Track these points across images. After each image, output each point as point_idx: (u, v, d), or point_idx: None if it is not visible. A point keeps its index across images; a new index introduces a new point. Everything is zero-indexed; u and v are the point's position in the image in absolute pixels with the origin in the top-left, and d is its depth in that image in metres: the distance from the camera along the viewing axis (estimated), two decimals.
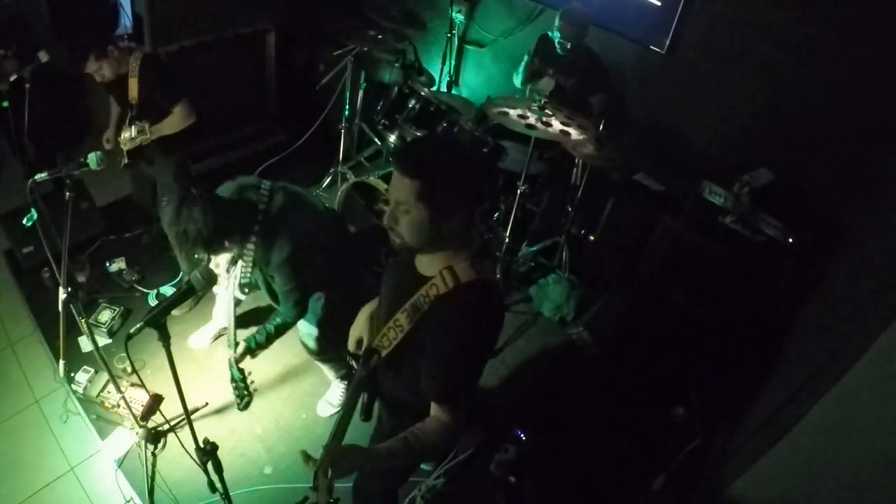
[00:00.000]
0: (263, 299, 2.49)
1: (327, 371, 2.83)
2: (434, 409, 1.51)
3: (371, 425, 1.84)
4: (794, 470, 1.93)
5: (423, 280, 1.48)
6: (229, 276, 2.33)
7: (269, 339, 2.33)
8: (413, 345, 1.50)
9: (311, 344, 2.58)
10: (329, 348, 2.64)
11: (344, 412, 1.48)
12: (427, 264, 1.50)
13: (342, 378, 2.86)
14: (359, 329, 1.84)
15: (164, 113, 2.84)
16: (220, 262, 2.28)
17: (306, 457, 1.38)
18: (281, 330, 2.34)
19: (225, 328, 3.10)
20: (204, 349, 3.09)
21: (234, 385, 2.31)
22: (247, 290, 2.36)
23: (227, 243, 2.10)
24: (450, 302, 1.42)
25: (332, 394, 2.93)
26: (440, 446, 1.53)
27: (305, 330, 2.56)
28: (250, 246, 2.18)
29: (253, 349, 2.29)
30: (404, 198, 1.34)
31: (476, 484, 2.57)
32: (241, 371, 2.28)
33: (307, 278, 2.27)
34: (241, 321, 2.84)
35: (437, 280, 1.44)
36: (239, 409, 2.32)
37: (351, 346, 1.84)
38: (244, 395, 2.30)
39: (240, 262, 2.23)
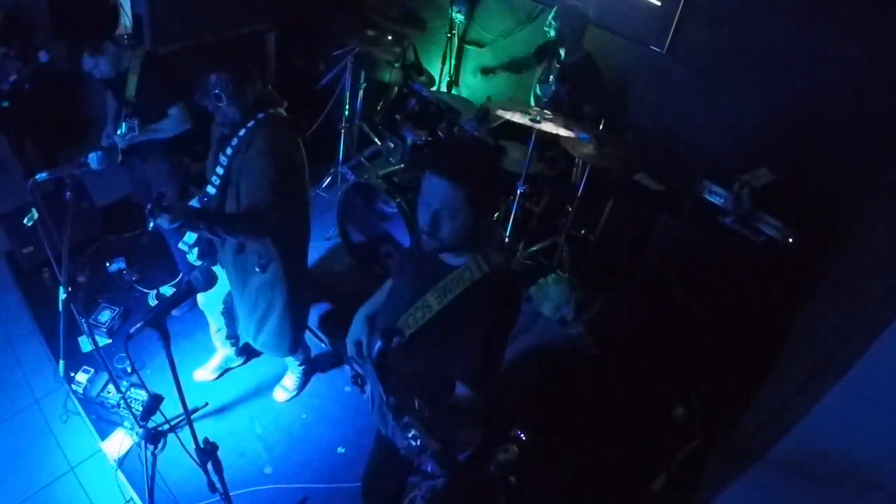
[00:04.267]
0: None
1: (289, 359, 2.85)
2: (462, 388, 1.55)
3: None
4: (794, 470, 1.93)
5: (450, 267, 1.53)
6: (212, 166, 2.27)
7: (234, 224, 2.13)
8: (439, 325, 1.54)
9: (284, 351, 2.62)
10: (297, 346, 2.67)
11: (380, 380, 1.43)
12: (455, 254, 1.54)
13: (300, 363, 2.89)
14: (357, 332, 1.84)
15: (159, 114, 2.84)
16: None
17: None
18: (246, 226, 2.13)
19: (232, 362, 3.05)
20: (203, 348, 3.09)
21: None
22: (217, 182, 2.22)
23: (243, 87, 2.09)
24: (485, 287, 1.49)
25: (287, 379, 2.95)
26: (471, 422, 1.61)
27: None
28: (241, 134, 2.13)
29: (213, 218, 2.10)
30: (450, 204, 1.39)
31: (476, 484, 2.57)
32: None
33: (285, 187, 2.15)
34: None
35: (471, 265, 1.50)
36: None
37: (350, 350, 1.85)
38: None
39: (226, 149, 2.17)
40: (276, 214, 2.14)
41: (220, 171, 2.20)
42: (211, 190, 2.25)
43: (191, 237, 2.28)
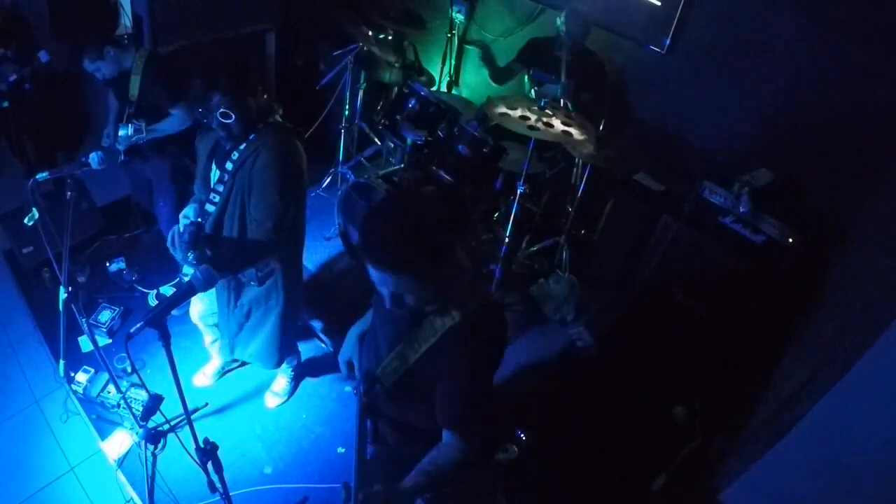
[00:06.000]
0: None
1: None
2: (449, 436, 1.52)
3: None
4: (794, 470, 1.93)
5: (424, 313, 1.47)
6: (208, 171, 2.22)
7: (236, 253, 2.10)
8: (418, 374, 1.50)
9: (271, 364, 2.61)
10: (284, 358, 2.67)
11: (358, 445, 1.52)
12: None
13: (291, 368, 2.87)
14: (348, 352, 1.84)
15: (162, 113, 2.84)
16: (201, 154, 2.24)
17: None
18: (254, 249, 2.10)
19: (229, 365, 3.03)
20: (203, 348, 3.09)
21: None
22: (216, 199, 2.16)
23: (246, 101, 2.02)
24: (459, 336, 1.43)
25: (276, 384, 2.93)
26: (461, 473, 1.53)
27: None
28: (246, 144, 2.08)
29: (222, 259, 2.02)
30: (402, 286, 1.34)
31: (476, 484, 2.57)
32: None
33: (294, 196, 2.12)
34: None
35: (440, 313, 1.44)
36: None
37: (342, 368, 1.84)
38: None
39: (227, 161, 2.11)
40: (285, 228, 2.11)
41: (220, 187, 2.14)
42: (210, 208, 2.19)
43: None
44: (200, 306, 2.59)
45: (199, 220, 2.16)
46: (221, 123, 2.01)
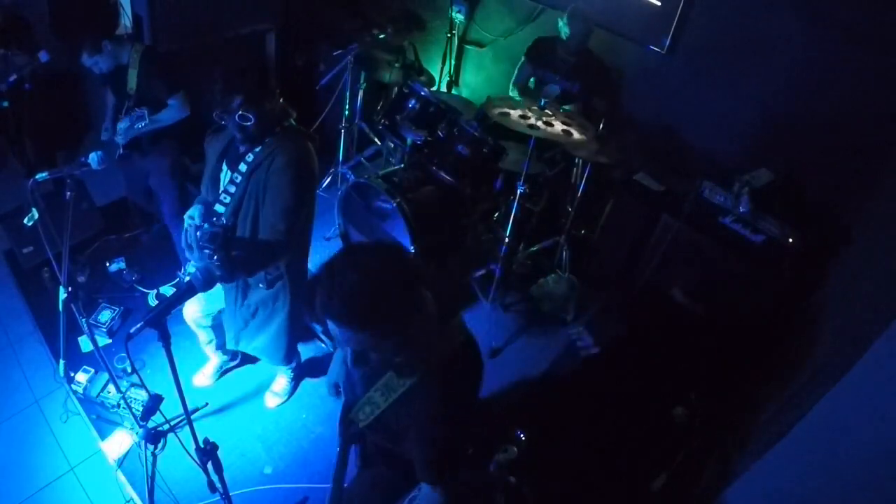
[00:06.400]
0: None
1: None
2: (424, 486, 1.53)
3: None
4: (794, 470, 1.93)
5: (390, 363, 1.44)
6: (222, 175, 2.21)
7: (249, 255, 2.06)
8: (390, 418, 1.50)
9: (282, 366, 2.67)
10: (292, 355, 2.71)
11: (336, 474, 1.56)
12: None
13: (291, 368, 2.87)
14: (334, 375, 1.84)
15: (160, 104, 2.86)
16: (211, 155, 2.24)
17: None
18: (266, 251, 2.08)
19: (227, 364, 3.03)
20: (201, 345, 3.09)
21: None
22: (227, 200, 2.15)
23: (265, 104, 2.02)
24: (423, 389, 1.41)
25: (276, 384, 2.93)
26: None
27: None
28: (262, 146, 2.09)
29: (235, 261, 1.93)
30: (365, 343, 1.30)
31: (475, 484, 2.57)
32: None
33: (306, 199, 2.15)
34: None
35: (405, 366, 1.42)
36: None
37: (330, 391, 1.85)
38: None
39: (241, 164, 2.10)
40: (297, 231, 2.13)
41: (232, 188, 2.14)
42: (220, 208, 2.18)
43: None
44: (195, 307, 2.58)
45: (224, 221, 2.17)
46: (240, 126, 2.02)
